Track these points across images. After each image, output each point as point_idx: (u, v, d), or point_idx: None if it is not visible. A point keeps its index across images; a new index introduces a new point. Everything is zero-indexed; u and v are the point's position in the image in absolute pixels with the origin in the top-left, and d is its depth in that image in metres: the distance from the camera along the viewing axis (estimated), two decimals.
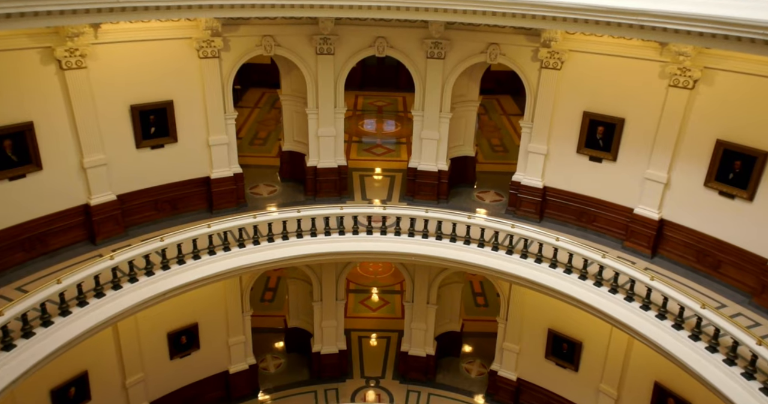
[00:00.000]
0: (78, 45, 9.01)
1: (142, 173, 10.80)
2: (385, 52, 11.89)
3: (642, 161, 10.20)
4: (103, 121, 9.89)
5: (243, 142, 15.03)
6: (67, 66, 9.08)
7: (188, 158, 11.31)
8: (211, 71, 10.85)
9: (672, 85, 9.38)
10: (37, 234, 9.58)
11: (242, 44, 11.15)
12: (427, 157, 12.54)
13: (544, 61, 10.79)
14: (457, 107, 12.53)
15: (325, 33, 11.35)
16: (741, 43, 6.76)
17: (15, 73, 8.67)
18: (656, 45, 9.21)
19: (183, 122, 10.94)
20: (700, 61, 8.95)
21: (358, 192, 13.23)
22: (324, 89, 11.94)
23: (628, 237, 10.76)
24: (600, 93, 10.44)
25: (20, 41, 8.48)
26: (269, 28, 11.14)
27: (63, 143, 9.54)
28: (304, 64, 11.71)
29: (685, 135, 9.58)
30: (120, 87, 9.97)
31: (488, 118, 17.27)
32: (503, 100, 18.69)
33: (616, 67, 10.06)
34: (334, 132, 12.42)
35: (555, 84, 10.87)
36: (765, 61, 7.92)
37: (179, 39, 10.35)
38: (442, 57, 11.60)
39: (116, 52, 9.72)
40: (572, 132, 10.97)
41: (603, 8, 7.95)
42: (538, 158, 11.55)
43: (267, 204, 12.43)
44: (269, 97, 18.44)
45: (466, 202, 12.87)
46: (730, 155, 9.01)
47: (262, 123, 16.53)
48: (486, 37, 11.19)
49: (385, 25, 11.41)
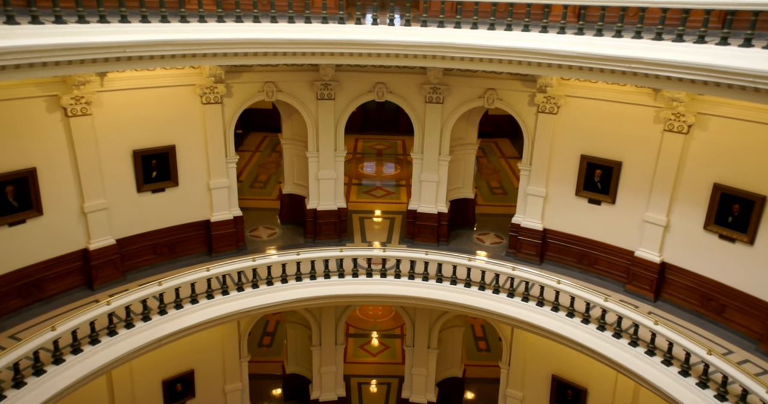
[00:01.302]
0: (84, 93, 9.20)
1: (142, 217, 10.82)
2: (385, 97, 12.14)
3: (641, 204, 10.25)
4: (105, 166, 9.98)
5: (244, 185, 15.14)
6: (72, 113, 9.25)
7: (188, 201, 11.36)
8: (213, 117, 11.05)
9: (667, 130, 9.54)
10: (34, 280, 9.50)
11: (244, 90, 11.39)
12: (426, 200, 12.61)
13: (541, 105, 11.00)
14: (456, 150, 12.68)
15: (326, 79, 11.61)
16: (732, 90, 6.90)
17: (21, 121, 8.83)
18: (650, 91, 9.42)
19: (184, 166, 11.05)
20: (693, 106, 9.13)
21: (358, 234, 13.21)
22: (324, 133, 12.12)
23: (630, 281, 10.68)
24: (597, 137, 10.59)
25: (28, 90, 8.67)
26: (271, 74, 11.42)
27: (64, 188, 9.60)
28: (305, 109, 11.93)
29: (683, 178, 9.66)
30: (123, 133, 10.12)
31: (487, 161, 17.45)
32: (501, 143, 18.94)
33: (612, 111, 10.24)
34: (334, 175, 12.52)
35: (552, 128, 11.04)
36: (756, 107, 8.09)
37: (183, 86, 10.58)
38: (441, 102, 11.83)
39: (121, 99, 9.91)
40: (570, 175, 11.07)
41: (597, 56, 8.13)
42: (537, 200, 11.60)
43: (266, 247, 12.40)
44: (270, 141, 18.70)
45: (467, 244, 12.83)
46: (727, 199, 9.06)
47: (263, 166, 16.70)
48: (483, 82, 11.45)
49: (385, 71, 11.70)
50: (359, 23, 9.28)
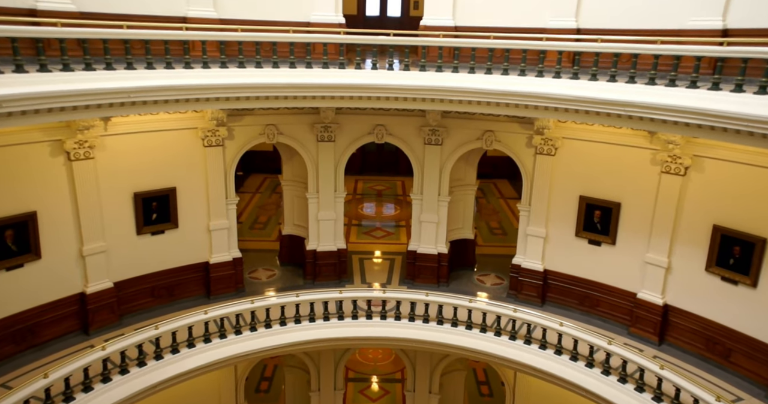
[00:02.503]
0: (87, 137, 9.33)
1: (140, 259, 10.76)
2: (384, 139, 12.29)
3: (641, 245, 10.22)
4: (105, 208, 10.00)
5: (243, 226, 15.13)
6: (75, 157, 9.34)
7: (188, 243, 11.32)
8: (214, 159, 11.16)
9: (664, 172, 9.62)
10: (29, 325, 9.35)
11: (246, 133, 11.55)
12: (426, 240, 12.58)
13: (539, 147, 11.13)
14: (455, 191, 12.74)
15: (326, 121, 11.79)
16: (727, 133, 6.99)
17: (24, 166, 8.90)
18: (646, 133, 9.55)
19: (185, 208, 11.07)
20: (689, 149, 9.23)
21: (358, 275, 13.11)
22: (324, 174, 12.21)
23: (633, 323, 10.52)
24: (595, 178, 10.67)
25: (32, 135, 8.79)
26: (272, 117, 11.59)
27: (64, 231, 9.59)
28: (306, 151, 12.06)
29: (682, 220, 9.67)
30: (125, 175, 10.19)
31: (486, 202, 17.51)
32: (500, 183, 19.05)
33: (609, 153, 10.36)
34: (334, 216, 12.54)
35: (550, 169, 11.13)
36: (753, 150, 8.17)
37: (185, 129, 10.73)
38: (440, 143, 11.98)
39: (123, 143, 10.02)
40: (570, 215, 11.09)
41: (592, 99, 8.24)
42: (537, 241, 11.57)
43: (265, 288, 12.28)
44: (271, 182, 18.80)
45: (467, 285, 12.72)
46: (728, 241, 9.04)
47: (263, 207, 16.74)
48: (481, 124, 11.62)
49: (384, 113, 11.88)
50: (359, 68, 9.46)
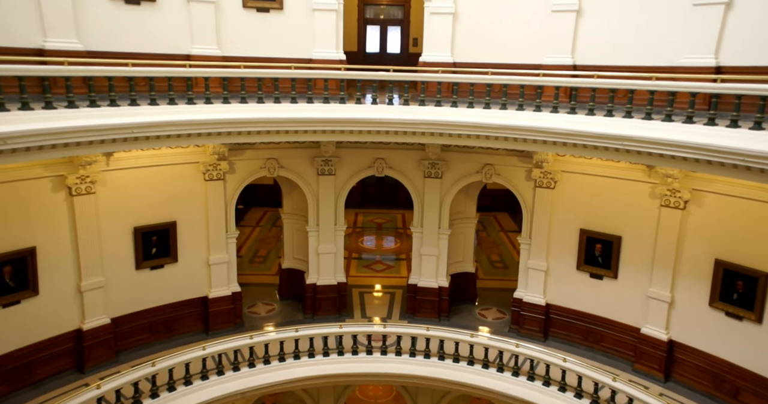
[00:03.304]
0: (89, 172, 9.40)
1: (139, 294, 10.67)
2: (384, 173, 12.36)
3: (643, 279, 10.14)
4: (105, 243, 9.98)
5: (243, 260, 15.06)
6: (76, 192, 9.38)
7: (187, 278, 11.25)
8: (215, 193, 11.19)
9: (664, 205, 9.63)
10: (24, 363, 9.19)
11: (247, 167, 11.62)
12: (427, 274, 12.51)
13: (538, 180, 11.19)
14: (455, 224, 12.74)
15: (327, 155, 11.88)
16: (724, 168, 7.03)
17: (25, 201, 8.93)
18: (644, 167, 9.62)
19: (184, 242, 11.05)
20: (688, 183, 9.27)
21: (358, 309, 12.97)
22: (325, 208, 12.23)
23: (637, 359, 10.35)
24: (595, 211, 10.68)
25: (34, 171, 8.85)
26: (273, 151, 11.69)
27: (63, 267, 9.54)
28: (306, 185, 12.11)
29: (683, 254, 9.63)
30: (125, 210, 10.21)
31: (486, 235, 17.47)
32: (500, 216, 19.05)
33: (609, 186, 10.40)
34: (334, 249, 12.50)
35: (550, 202, 11.16)
36: (751, 184, 8.17)
37: (186, 163, 10.81)
38: (439, 176, 12.04)
39: (125, 177, 10.08)
40: (570, 249, 11.05)
41: (590, 133, 8.31)
42: (538, 275, 11.50)
43: (265, 323, 12.13)
44: (271, 216, 18.81)
45: (468, 319, 12.57)
46: (731, 275, 8.97)
47: (263, 241, 16.70)
48: (481, 158, 11.70)
49: (384, 147, 11.98)
50: (359, 103, 9.59)
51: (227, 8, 10.38)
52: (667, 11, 9.13)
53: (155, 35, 9.77)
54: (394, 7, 16.61)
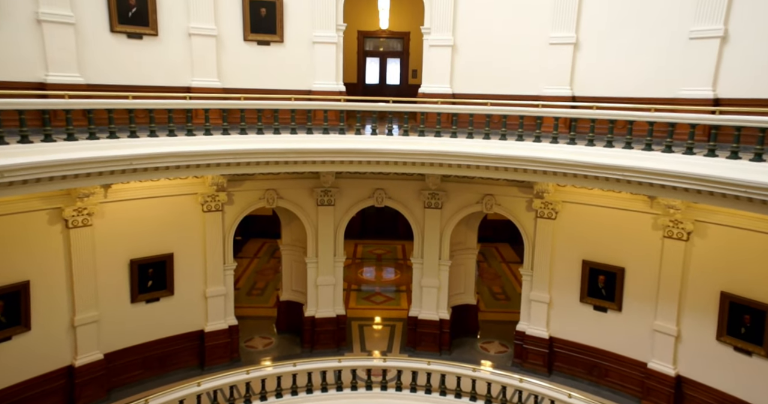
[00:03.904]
0: (87, 204, 9.31)
1: (133, 329, 10.45)
2: (384, 203, 12.30)
3: (649, 312, 9.96)
4: (100, 276, 9.83)
5: (241, 292, 14.87)
6: (73, 224, 9.29)
7: (183, 311, 11.05)
8: (213, 224, 11.11)
9: (666, 236, 9.54)
10: (13, 402, 8.90)
11: (246, 197, 11.57)
12: (427, 306, 12.32)
13: (539, 211, 11.12)
14: (456, 254, 12.61)
15: (326, 186, 11.85)
16: (726, 199, 6.98)
17: (20, 235, 8.81)
18: (646, 198, 9.56)
19: (181, 274, 10.90)
20: (690, 214, 9.21)
21: (357, 343, 12.72)
22: (324, 239, 12.13)
23: (645, 395, 10.07)
24: (597, 242, 10.57)
25: (31, 204, 8.77)
26: (272, 182, 11.65)
27: (56, 301, 9.36)
28: (305, 215, 12.04)
29: (688, 286, 9.49)
30: (122, 242, 10.09)
31: (488, 266, 17.30)
32: (501, 247, 18.91)
33: (611, 217, 10.32)
34: (333, 281, 12.35)
35: (551, 233, 11.06)
36: (754, 216, 8.13)
37: (185, 195, 10.75)
38: (440, 207, 11.98)
39: (122, 209, 10.00)
40: (573, 280, 10.90)
41: (591, 164, 8.28)
42: (541, 307, 11.32)
43: (262, 358, 11.87)
44: (269, 247, 18.68)
45: (470, 353, 12.31)
46: (737, 308, 8.80)
47: (261, 273, 16.53)
48: (481, 188, 11.67)
49: (384, 177, 11.95)
50: (359, 133, 9.61)
51: (228, 41, 10.51)
52: (664, 44, 9.24)
53: (156, 68, 9.85)
54: (394, 39, 16.87)
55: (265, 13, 10.53)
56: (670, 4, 9.08)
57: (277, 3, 10.55)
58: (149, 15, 9.52)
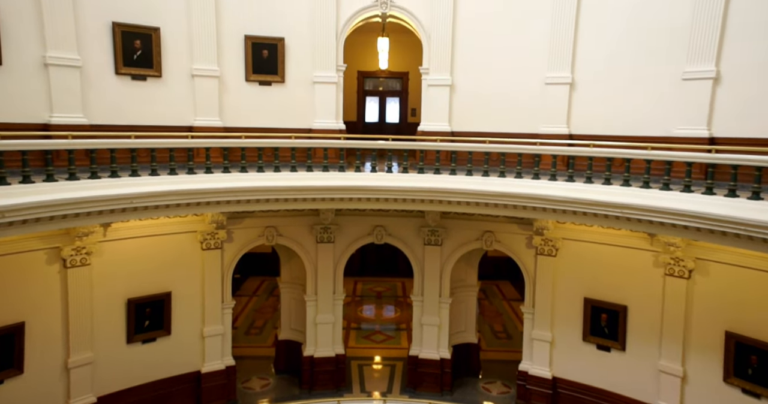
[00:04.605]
0: (86, 243, 9.27)
1: (128, 370, 10.22)
2: (384, 240, 12.27)
3: (653, 351, 9.78)
4: (97, 316, 9.68)
5: (239, 331, 14.64)
6: (71, 264, 9.22)
7: (180, 351, 10.84)
8: (212, 262, 11.04)
9: (668, 274, 9.46)
10: None
11: (245, 235, 11.53)
12: (428, 344, 12.12)
13: (539, 248, 11.08)
14: (456, 292, 12.49)
15: (326, 223, 11.84)
16: (725, 237, 6.96)
17: (17, 275, 8.72)
18: (646, 235, 9.54)
19: (179, 314, 10.75)
20: (691, 252, 9.16)
21: (357, 383, 12.44)
22: (323, 276, 12.04)
23: None
24: (598, 279, 10.48)
25: (30, 244, 8.71)
26: (272, 219, 11.64)
27: (51, 342, 9.19)
28: (305, 253, 11.98)
29: (692, 325, 9.34)
30: (120, 281, 9.99)
31: (489, 303, 17.10)
32: (502, 284, 18.73)
33: (611, 254, 10.26)
34: (332, 319, 12.19)
35: (552, 270, 10.99)
36: (755, 254, 8.07)
37: (184, 233, 10.71)
38: (440, 244, 11.94)
39: (121, 248, 9.94)
40: (575, 318, 10.76)
41: (589, 201, 8.29)
42: (543, 346, 11.13)
43: (259, 399, 11.58)
44: (268, 285, 18.52)
45: (472, 394, 12.02)
46: (743, 349, 8.63)
47: (259, 311, 16.33)
48: (481, 225, 11.65)
49: (384, 214, 11.96)
50: (359, 171, 9.68)
51: (230, 82, 10.71)
52: (658, 84, 9.40)
53: (159, 108, 10.01)
54: (393, 79, 17.21)
55: (267, 54, 10.78)
56: (662, 45, 9.31)
57: (279, 45, 10.81)
58: (154, 57, 9.74)
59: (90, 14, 9.11)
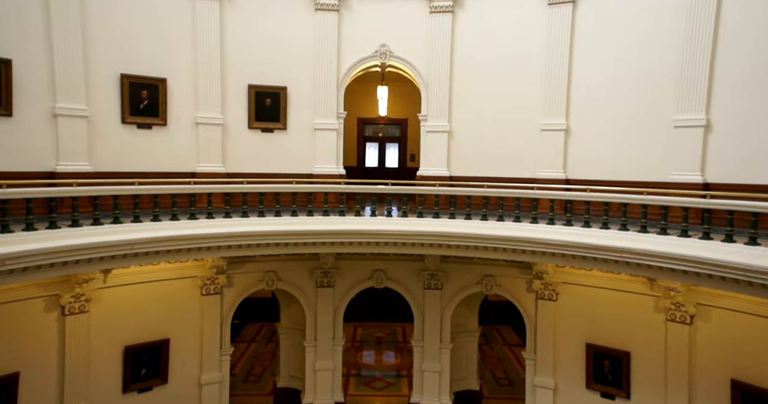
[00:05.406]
0: (85, 290, 9.23)
1: None
2: (384, 284, 12.22)
3: (658, 400, 9.53)
4: (93, 365, 9.52)
5: (237, 379, 14.33)
6: (70, 311, 9.13)
7: (176, 400, 10.58)
8: (212, 308, 10.96)
9: (669, 320, 9.38)
10: None
11: (245, 280, 11.51)
12: (429, 392, 11.88)
13: (539, 292, 11.03)
14: (457, 337, 12.35)
15: (326, 267, 11.84)
16: (725, 282, 6.97)
17: (14, 324, 8.60)
18: (645, 280, 9.53)
19: (176, 361, 10.58)
20: (691, 297, 9.11)
21: None
22: (323, 321, 11.94)
23: None
24: (600, 325, 10.37)
25: (29, 291, 8.65)
26: (272, 264, 11.64)
27: (44, 393, 8.95)
28: (304, 297, 11.92)
29: (696, 372, 9.15)
30: (118, 328, 9.87)
31: (490, 349, 16.83)
32: (503, 329, 18.48)
33: (612, 299, 10.21)
34: (332, 365, 12.00)
35: (553, 315, 10.90)
36: (756, 300, 8.03)
37: (184, 278, 10.69)
38: (440, 288, 11.89)
39: (120, 294, 9.88)
40: (578, 365, 10.57)
41: (588, 245, 8.32)
42: (546, 393, 10.89)
43: None
44: (268, 330, 18.27)
45: None
46: (750, 398, 8.43)
47: (258, 357, 16.04)
48: (480, 269, 11.64)
49: (383, 258, 11.96)
50: (359, 215, 9.77)
51: (233, 129, 10.96)
52: (651, 131, 9.63)
53: (163, 155, 10.21)
54: (392, 125, 17.57)
55: (269, 102, 11.08)
56: (653, 94, 9.58)
57: (282, 93, 11.13)
58: (160, 106, 10.02)
59: (100, 66, 9.46)
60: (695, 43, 9.04)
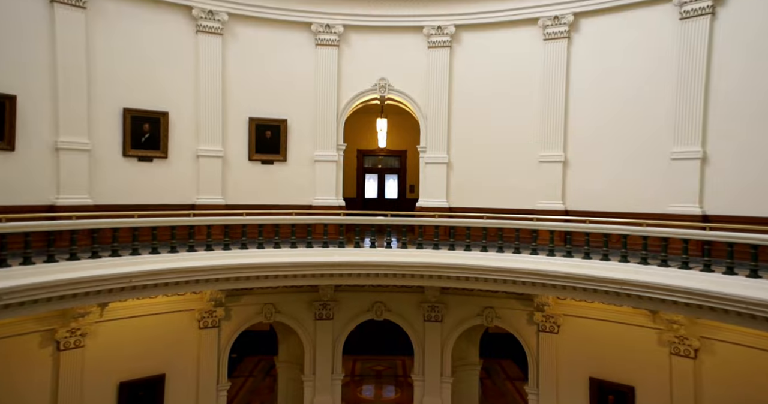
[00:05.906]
0: (81, 325, 9.10)
1: None
2: (383, 316, 12.09)
3: None
4: (86, 401, 9.29)
5: None
6: (65, 346, 8.98)
7: None
8: (209, 341, 10.80)
9: (673, 353, 9.24)
10: None
11: (243, 312, 11.38)
12: None
13: (540, 324, 10.91)
14: (457, 371, 12.14)
15: (325, 299, 11.72)
16: (728, 315, 6.89)
17: (8, 361, 8.42)
18: (648, 312, 9.43)
19: (172, 397, 10.36)
20: (695, 330, 9.00)
21: None
22: (322, 354, 11.76)
23: None
24: (603, 358, 10.21)
25: (24, 326, 8.50)
26: (271, 296, 11.54)
27: None
28: (303, 330, 11.77)
29: None
30: (113, 363, 9.69)
31: (491, 383, 16.51)
32: (504, 363, 18.18)
33: (615, 332, 10.07)
34: (330, 401, 11.78)
35: (555, 348, 10.75)
36: (760, 333, 7.92)
37: (181, 311, 10.57)
38: (440, 320, 11.76)
39: (116, 328, 9.75)
40: (582, 399, 10.38)
41: (588, 277, 8.28)
42: None
43: None
44: (265, 364, 17.96)
45: None
46: None
47: (255, 392, 15.71)
48: (481, 301, 11.54)
49: (383, 290, 11.87)
50: (358, 246, 9.73)
51: (234, 161, 11.04)
52: (649, 163, 9.68)
53: (163, 187, 10.25)
54: (392, 157, 17.69)
55: (270, 135, 11.19)
56: (650, 126, 9.68)
57: (282, 126, 11.25)
58: (161, 140, 10.11)
59: (103, 101, 9.59)
60: (689, 78, 9.18)
